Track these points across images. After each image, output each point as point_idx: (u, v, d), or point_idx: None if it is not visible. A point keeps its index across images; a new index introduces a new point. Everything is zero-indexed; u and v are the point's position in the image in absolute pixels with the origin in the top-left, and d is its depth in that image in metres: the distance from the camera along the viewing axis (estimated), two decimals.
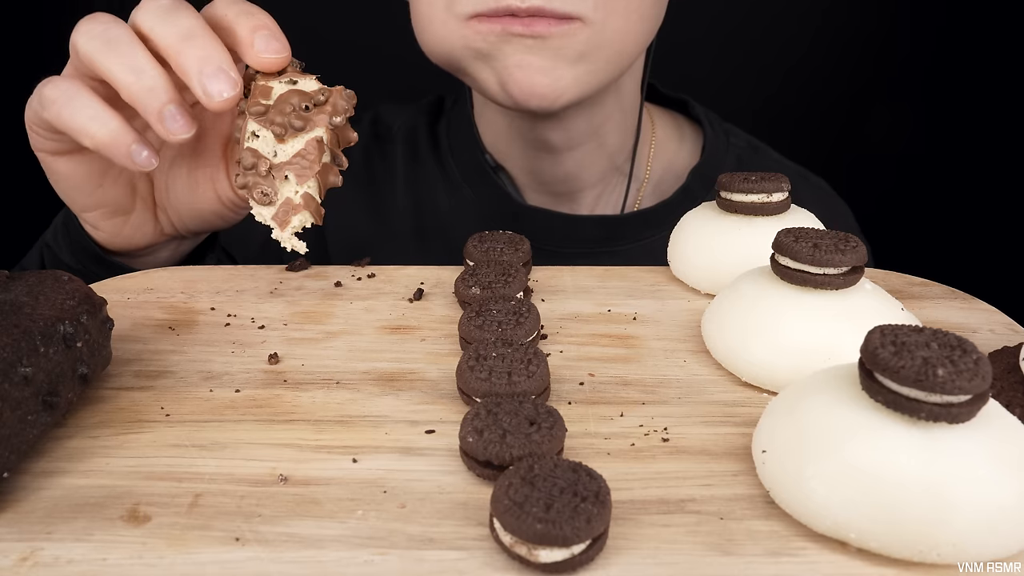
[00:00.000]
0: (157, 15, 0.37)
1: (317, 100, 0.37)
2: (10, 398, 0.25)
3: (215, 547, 0.24)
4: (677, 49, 0.85)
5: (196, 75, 0.36)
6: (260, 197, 0.36)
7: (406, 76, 0.78)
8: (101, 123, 0.37)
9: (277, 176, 0.36)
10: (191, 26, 0.37)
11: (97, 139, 0.37)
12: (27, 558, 0.23)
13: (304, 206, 0.36)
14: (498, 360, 0.30)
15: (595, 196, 0.63)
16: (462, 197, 0.62)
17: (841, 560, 0.24)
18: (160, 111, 0.36)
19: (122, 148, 0.37)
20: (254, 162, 0.36)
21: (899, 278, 0.43)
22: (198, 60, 0.36)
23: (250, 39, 0.37)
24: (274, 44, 0.37)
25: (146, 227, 0.46)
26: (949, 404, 0.23)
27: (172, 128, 0.37)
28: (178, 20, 0.37)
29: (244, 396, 0.32)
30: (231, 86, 0.36)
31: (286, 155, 0.37)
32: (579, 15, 0.46)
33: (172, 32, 0.36)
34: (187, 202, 0.46)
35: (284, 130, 0.37)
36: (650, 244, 0.59)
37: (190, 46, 0.36)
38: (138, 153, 0.38)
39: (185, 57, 0.36)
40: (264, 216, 0.36)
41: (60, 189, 0.44)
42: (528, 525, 0.22)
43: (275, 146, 0.37)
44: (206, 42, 0.36)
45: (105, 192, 0.43)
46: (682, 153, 0.64)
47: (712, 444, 0.29)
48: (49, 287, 0.30)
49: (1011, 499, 0.23)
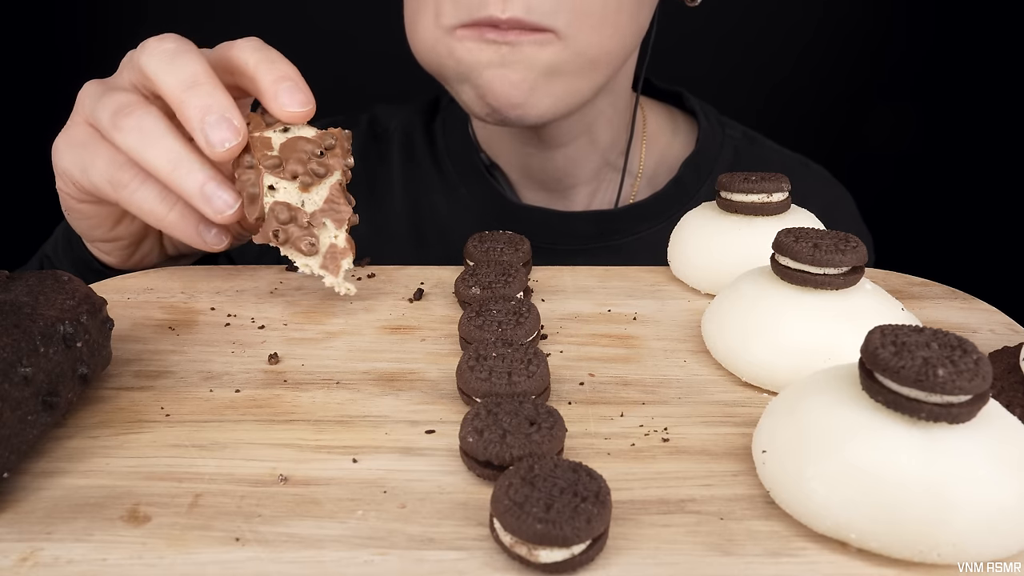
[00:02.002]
0: (161, 60, 0.37)
1: (328, 144, 0.38)
2: (10, 398, 0.25)
3: (215, 547, 0.24)
4: (677, 48, 0.85)
5: (199, 124, 0.36)
6: (308, 248, 0.36)
7: (405, 77, 0.78)
8: (167, 209, 0.39)
9: (316, 224, 0.37)
10: (194, 73, 0.37)
11: (167, 223, 0.39)
12: (27, 558, 0.23)
13: (349, 249, 0.37)
14: (498, 360, 0.30)
15: (589, 192, 0.63)
16: (458, 196, 0.62)
17: (841, 560, 0.24)
18: (201, 191, 0.37)
19: (191, 230, 0.40)
20: (291, 215, 0.36)
21: (899, 278, 0.43)
22: (200, 109, 0.36)
23: (274, 91, 0.38)
24: (299, 96, 0.38)
25: (154, 252, 0.47)
26: (949, 404, 0.23)
27: (219, 206, 0.37)
28: (182, 66, 0.37)
29: (244, 396, 0.32)
30: (234, 134, 0.36)
31: (314, 203, 0.37)
32: (552, 28, 0.46)
33: (176, 80, 0.37)
34: None
35: (311, 179, 0.37)
36: (646, 237, 0.59)
37: (193, 95, 0.36)
38: (206, 232, 0.40)
39: (188, 107, 0.36)
40: (312, 267, 0.37)
41: (78, 226, 0.44)
42: (528, 525, 0.22)
43: (300, 196, 0.37)
44: (209, 90, 0.37)
45: (122, 228, 0.44)
46: (675, 145, 0.64)
47: (712, 444, 0.29)
48: (49, 287, 0.30)
49: (1011, 499, 0.23)
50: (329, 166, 0.38)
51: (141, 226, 0.45)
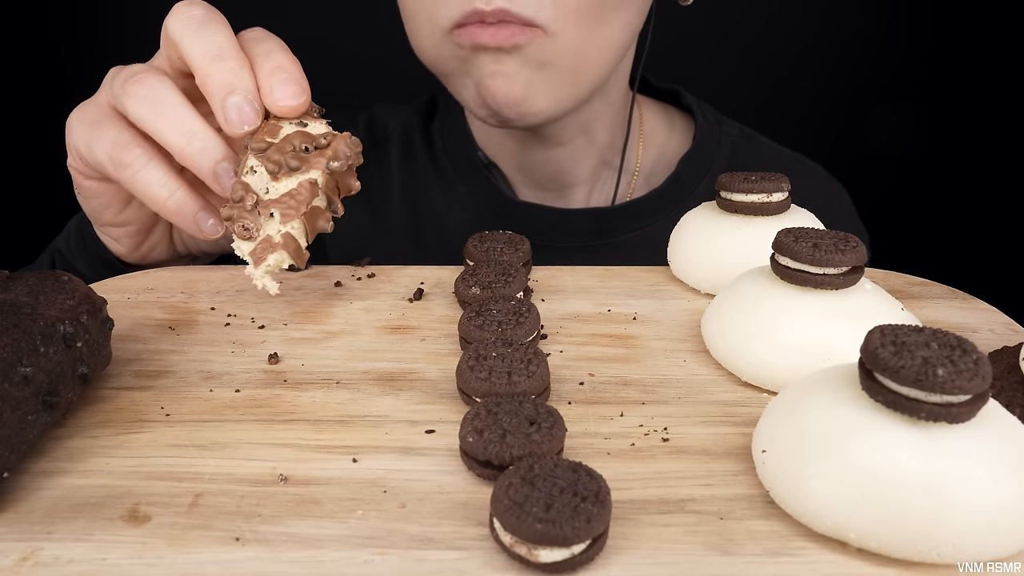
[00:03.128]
0: (188, 25, 0.38)
1: (319, 144, 0.37)
2: (10, 398, 0.25)
3: (215, 547, 0.24)
4: (676, 48, 0.85)
5: (220, 100, 0.36)
6: (240, 231, 0.36)
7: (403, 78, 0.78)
8: (169, 192, 0.39)
9: (263, 212, 0.36)
10: (221, 45, 0.37)
11: (166, 207, 0.39)
12: (27, 558, 0.23)
13: (283, 246, 0.36)
14: (498, 360, 0.30)
15: (587, 191, 0.63)
16: (457, 195, 0.62)
17: (841, 560, 0.24)
18: (214, 171, 0.37)
19: (189, 216, 0.39)
20: (242, 195, 0.36)
21: (899, 278, 0.43)
22: (224, 85, 0.36)
23: (268, 83, 0.37)
24: (291, 88, 0.37)
25: (162, 246, 0.47)
26: (949, 404, 0.23)
27: (227, 185, 0.37)
28: (209, 36, 0.37)
29: (244, 396, 0.32)
30: (255, 116, 0.37)
31: (277, 193, 0.37)
32: (540, 23, 0.46)
33: (202, 50, 0.37)
34: None
35: (279, 168, 0.36)
36: (644, 234, 0.59)
37: (219, 68, 0.37)
38: (204, 221, 0.40)
39: (212, 80, 0.37)
40: (243, 251, 0.36)
41: (88, 206, 0.44)
42: (528, 525, 0.22)
43: (268, 183, 0.37)
44: (235, 66, 0.37)
45: (131, 212, 0.44)
46: (672, 143, 0.65)
47: (712, 444, 0.29)
48: (49, 287, 0.30)
49: (1011, 499, 0.23)
50: (308, 162, 0.37)
51: (150, 213, 0.45)
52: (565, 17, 0.47)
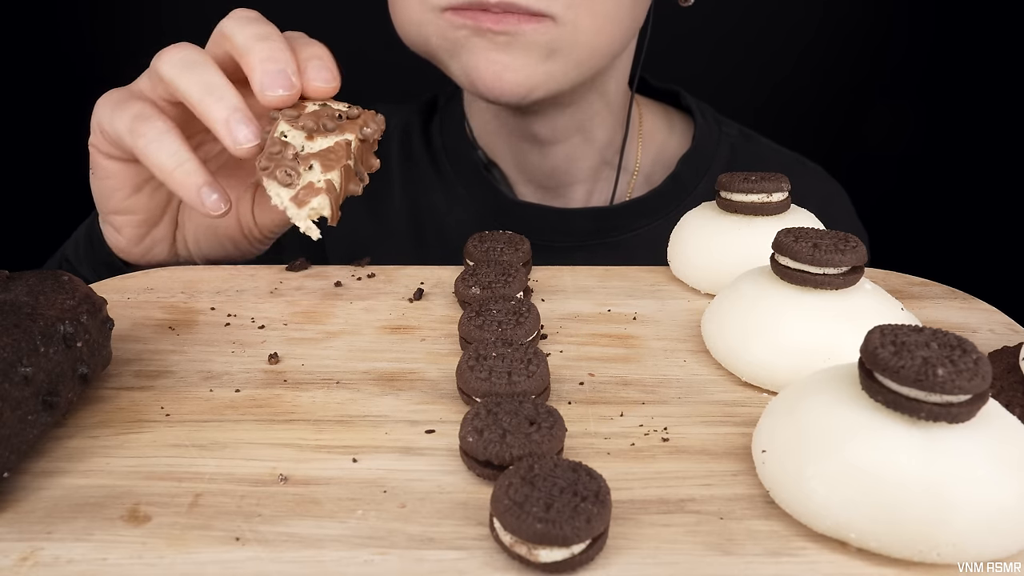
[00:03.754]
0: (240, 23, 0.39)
1: (350, 114, 0.39)
2: (10, 398, 0.25)
3: (215, 547, 0.24)
4: (676, 48, 0.85)
5: (260, 64, 0.37)
6: (282, 177, 0.35)
7: (402, 78, 0.78)
8: (177, 162, 0.39)
9: (302, 163, 0.36)
10: (268, 32, 0.39)
11: (173, 177, 0.39)
12: (27, 558, 0.23)
13: (326, 191, 0.35)
14: (498, 360, 0.30)
15: (586, 191, 0.63)
16: (457, 194, 0.62)
17: (841, 560, 0.24)
18: (227, 120, 0.37)
19: (193, 188, 0.39)
20: (279, 148, 0.36)
21: (899, 278, 0.43)
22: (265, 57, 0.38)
23: (305, 65, 0.39)
24: (325, 74, 0.39)
25: (164, 243, 0.47)
26: (949, 404, 0.23)
27: (239, 136, 0.37)
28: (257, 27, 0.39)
29: (244, 396, 0.32)
30: (291, 85, 0.38)
31: (312, 149, 0.37)
32: (550, 13, 0.46)
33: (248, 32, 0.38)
34: (207, 224, 0.46)
35: (316, 127, 0.37)
36: (643, 234, 0.60)
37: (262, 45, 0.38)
38: (208, 195, 0.39)
39: (254, 54, 0.38)
40: (282, 197, 0.35)
41: (99, 186, 0.44)
42: (528, 525, 0.22)
43: (304, 142, 0.37)
44: (278, 44, 0.38)
45: (140, 199, 0.44)
46: (671, 143, 0.65)
47: (712, 444, 0.29)
48: (49, 287, 0.30)
49: (1011, 499, 0.23)
50: (343, 126, 0.38)
51: (157, 203, 0.45)
52: (578, 6, 0.47)
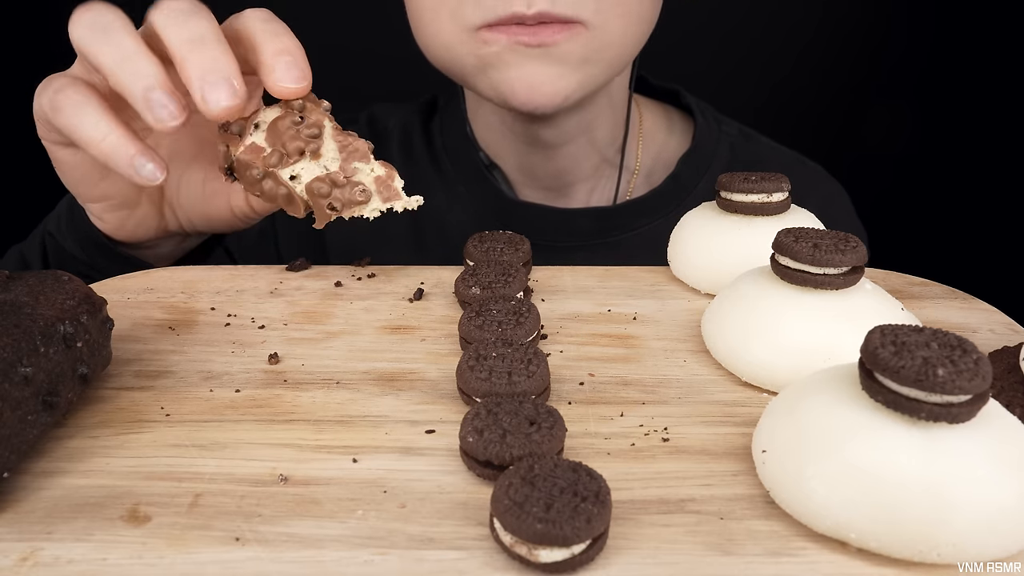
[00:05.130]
0: (171, 17, 0.36)
1: (300, 106, 0.38)
2: (10, 398, 0.25)
3: (215, 547, 0.24)
4: (677, 47, 0.85)
5: (198, 81, 0.35)
6: (363, 196, 0.36)
7: (402, 77, 0.78)
8: (103, 134, 0.36)
9: (351, 174, 0.36)
10: (203, 31, 0.36)
11: (100, 150, 0.37)
12: (27, 558, 0.23)
13: (391, 169, 0.37)
14: (498, 360, 0.30)
15: (587, 190, 0.63)
16: (457, 194, 0.62)
17: (841, 560, 0.24)
18: (146, 96, 0.35)
19: (123, 159, 0.37)
20: (331, 182, 0.36)
21: (899, 278, 0.43)
22: (201, 67, 0.35)
23: (271, 63, 0.36)
24: (295, 72, 0.36)
25: (150, 222, 0.46)
26: (949, 404, 0.23)
27: (159, 115, 0.35)
28: (191, 24, 0.36)
29: (244, 396, 0.32)
30: (231, 95, 0.35)
31: (334, 159, 0.37)
32: (581, 19, 0.47)
33: (182, 36, 0.36)
34: (199, 208, 0.46)
35: (312, 143, 0.37)
36: (644, 233, 0.60)
37: (197, 52, 0.35)
38: (142, 166, 0.37)
39: (190, 63, 0.35)
40: (378, 207, 0.36)
41: (65, 179, 0.44)
42: (528, 525, 0.22)
43: (319, 164, 0.37)
44: (214, 49, 0.35)
45: (110, 185, 0.43)
46: (671, 142, 0.65)
47: (712, 444, 0.29)
48: (49, 287, 0.30)
49: (1011, 499, 0.23)
50: (316, 122, 0.37)
51: (130, 184, 0.43)
52: (607, 10, 0.47)
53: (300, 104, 0.38)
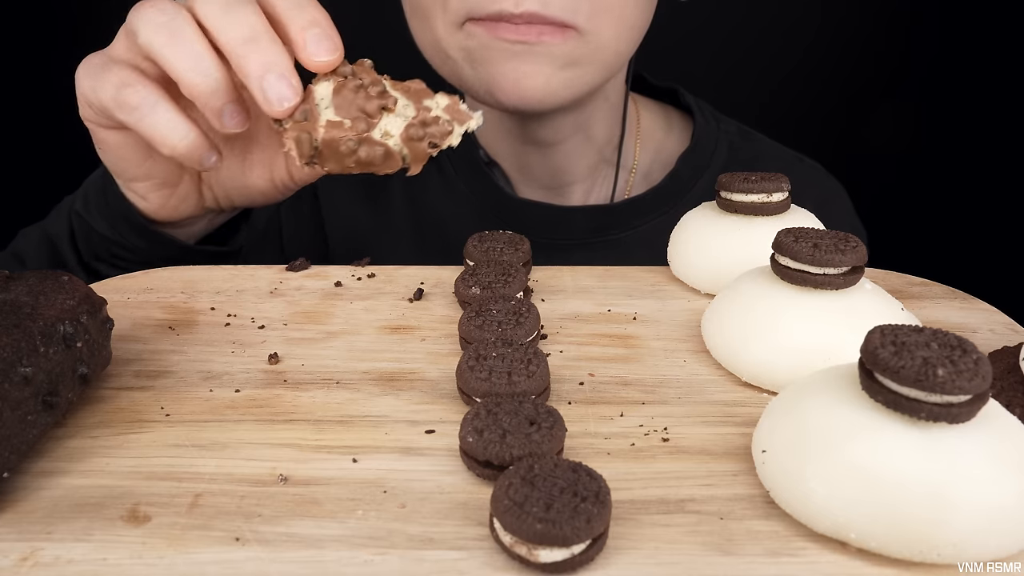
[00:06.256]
0: (220, 8, 0.36)
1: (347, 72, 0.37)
2: (10, 398, 0.25)
3: (215, 547, 0.24)
4: (678, 47, 0.85)
5: (257, 81, 0.35)
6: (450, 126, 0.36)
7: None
8: (181, 136, 0.38)
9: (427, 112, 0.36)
10: (253, 27, 0.36)
11: (177, 150, 0.38)
12: (27, 558, 0.23)
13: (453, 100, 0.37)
14: (498, 360, 0.30)
15: (586, 189, 0.63)
16: (457, 193, 0.62)
17: (841, 560, 0.24)
18: (221, 109, 0.37)
19: (196, 157, 0.39)
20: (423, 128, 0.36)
21: (899, 278, 0.43)
22: (261, 66, 0.35)
23: (302, 38, 0.36)
24: (326, 44, 0.36)
25: (191, 199, 0.46)
26: (949, 404, 0.23)
27: (230, 124, 0.37)
28: (241, 19, 0.36)
29: (244, 396, 0.32)
30: (292, 92, 0.35)
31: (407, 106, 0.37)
32: (573, 24, 0.47)
33: (235, 32, 0.36)
34: (238, 183, 0.46)
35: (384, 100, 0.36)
36: (643, 231, 0.60)
37: (254, 51, 0.35)
38: (207, 159, 0.39)
39: (249, 63, 0.36)
40: (458, 133, 0.36)
41: (108, 159, 0.43)
42: (528, 525, 0.22)
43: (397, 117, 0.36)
44: (269, 46, 0.36)
45: (154, 164, 0.43)
46: (670, 141, 0.65)
47: (712, 444, 0.29)
48: (49, 287, 0.30)
49: (1011, 499, 0.23)
50: (374, 80, 0.37)
51: (173, 163, 0.43)
52: (600, 17, 0.47)
53: (348, 69, 0.37)
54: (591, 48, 0.48)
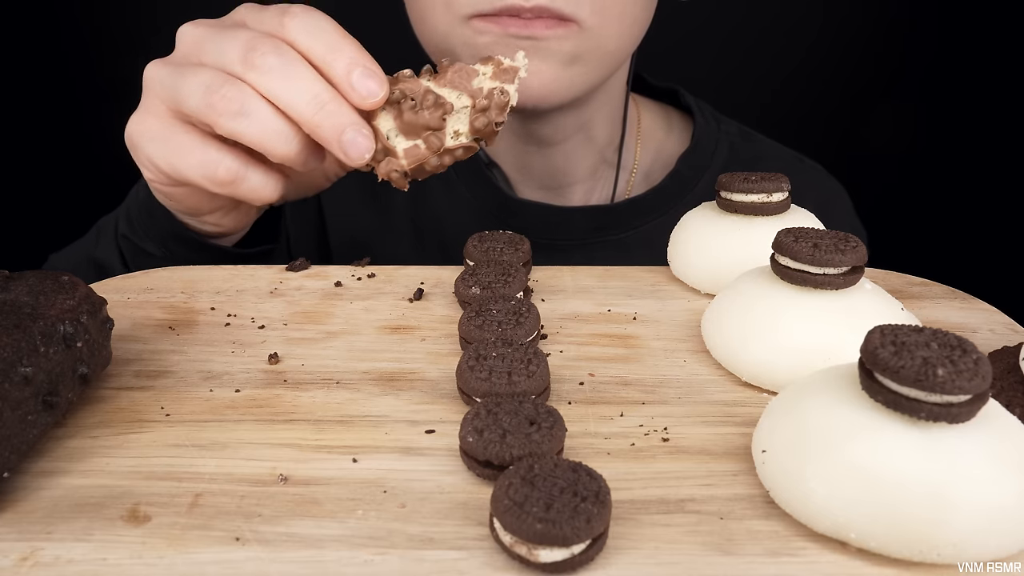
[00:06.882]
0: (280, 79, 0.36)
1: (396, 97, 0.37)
2: (10, 398, 0.25)
3: (215, 547, 0.24)
4: (679, 47, 0.85)
5: (336, 142, 0.36)
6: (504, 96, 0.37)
7: None
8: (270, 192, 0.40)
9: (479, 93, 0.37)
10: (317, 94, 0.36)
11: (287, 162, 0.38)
12: (27, 558, 0.23)
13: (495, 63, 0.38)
14: (498, 360, 0.30)
15: (586, 190, 0.63)
16: (457, 193, 0.62)
17: (841, 560, 0.24)
18: (307, 160, 0.38)
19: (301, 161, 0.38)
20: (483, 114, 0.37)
21: (899, 278, 0.43)
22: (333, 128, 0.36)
23: (347, 82, 0.36)
24: (371, 83, 0.36)
25: (253, 211, 0.47)
26: (949, 404, 0.23)
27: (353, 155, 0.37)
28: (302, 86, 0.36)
29: (244, 396, 0.32)
30: (369, 145, 0.37)
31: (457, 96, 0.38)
32: (576, 18, 0.47)
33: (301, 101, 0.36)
34: (306, 180, 0.47)
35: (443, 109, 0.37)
36: (643, 231, 0.60)
37: (323, 117, 0.36)
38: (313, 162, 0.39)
39: (322, 129, 0.36)
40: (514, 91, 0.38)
41: (178, 207, 0.44)
42: (528, 525, 0.22)
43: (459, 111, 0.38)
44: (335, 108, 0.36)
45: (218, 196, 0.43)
46: (670, 141, 0.65)
47: (712, 444, 0.29)
48: (49, 287, 0.30)
49: (1011, 499, 0.23)
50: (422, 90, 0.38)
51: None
52: (603, 12, 0.47)
53: (397, 92, 0.37)
54: (592, 43, 0.48)
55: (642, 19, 0.52)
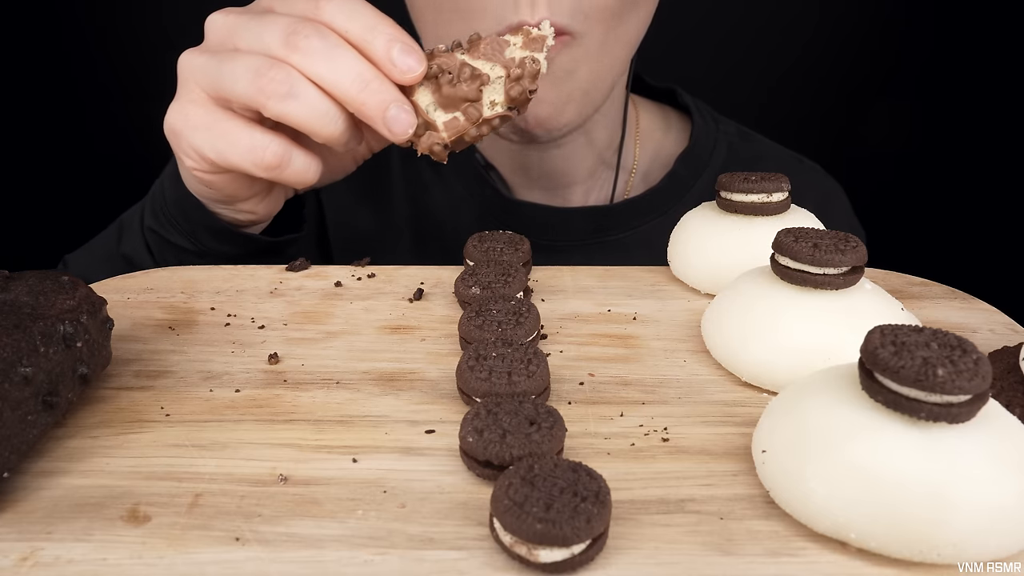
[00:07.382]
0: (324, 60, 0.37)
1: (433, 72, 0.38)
2: (10, 398, 0.25)
3: (215, 547, 0.24)
4: (677, 47, 0.85)
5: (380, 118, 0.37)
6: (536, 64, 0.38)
7: None
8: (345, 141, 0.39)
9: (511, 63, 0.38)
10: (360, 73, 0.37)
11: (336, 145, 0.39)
12: (27, 558, 0.23)
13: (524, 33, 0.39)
14: (498, 360, 0.30)
15: (584, 191, 0.63)
16: (457, 195, 0.62)
17: (841, 560, 0.24)
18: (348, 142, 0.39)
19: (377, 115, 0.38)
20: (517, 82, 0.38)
21: (899, 278, 0.43)
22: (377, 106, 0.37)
23: (387, 59, 0.37)
24: (411, 59, 0.37)
25: (282, 195, 0.47)
26: (949, 404, 0.23)
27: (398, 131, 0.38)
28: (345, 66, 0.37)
29: (244, 396, 0.32)
30: (412, 121, 0.37)
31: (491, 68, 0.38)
32: (571, 30, 0.47)
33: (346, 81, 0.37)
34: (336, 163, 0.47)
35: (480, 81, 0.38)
36: (642, 232, 0.60)
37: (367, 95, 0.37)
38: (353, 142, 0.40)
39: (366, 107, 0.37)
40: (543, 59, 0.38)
41: (216, 196, 0.44)
42: (528, 525, 0.22)
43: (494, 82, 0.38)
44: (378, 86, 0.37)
45: (258, 181, 0.43)
46: (668, 141, 0.65)
47: (712, 444, 0.29)
48: (49, 287, 0.30)
49: (1011, 499, 0.23)
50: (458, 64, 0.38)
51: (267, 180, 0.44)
52: (593, 19, 0.47)
53: (434, 67, 0.38)
54: (582, 51, 0.48)
55: (636, 26, 0.51)
